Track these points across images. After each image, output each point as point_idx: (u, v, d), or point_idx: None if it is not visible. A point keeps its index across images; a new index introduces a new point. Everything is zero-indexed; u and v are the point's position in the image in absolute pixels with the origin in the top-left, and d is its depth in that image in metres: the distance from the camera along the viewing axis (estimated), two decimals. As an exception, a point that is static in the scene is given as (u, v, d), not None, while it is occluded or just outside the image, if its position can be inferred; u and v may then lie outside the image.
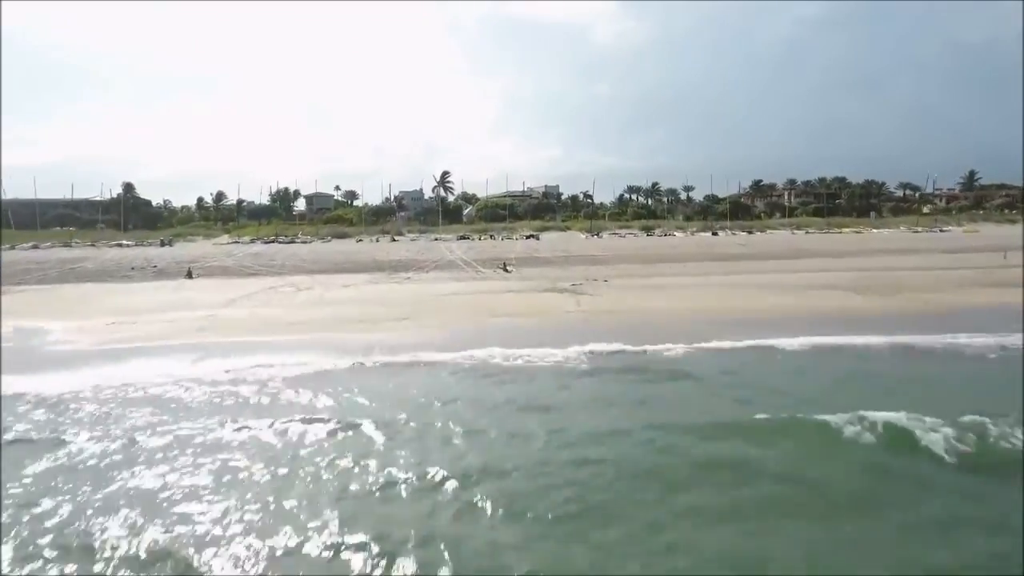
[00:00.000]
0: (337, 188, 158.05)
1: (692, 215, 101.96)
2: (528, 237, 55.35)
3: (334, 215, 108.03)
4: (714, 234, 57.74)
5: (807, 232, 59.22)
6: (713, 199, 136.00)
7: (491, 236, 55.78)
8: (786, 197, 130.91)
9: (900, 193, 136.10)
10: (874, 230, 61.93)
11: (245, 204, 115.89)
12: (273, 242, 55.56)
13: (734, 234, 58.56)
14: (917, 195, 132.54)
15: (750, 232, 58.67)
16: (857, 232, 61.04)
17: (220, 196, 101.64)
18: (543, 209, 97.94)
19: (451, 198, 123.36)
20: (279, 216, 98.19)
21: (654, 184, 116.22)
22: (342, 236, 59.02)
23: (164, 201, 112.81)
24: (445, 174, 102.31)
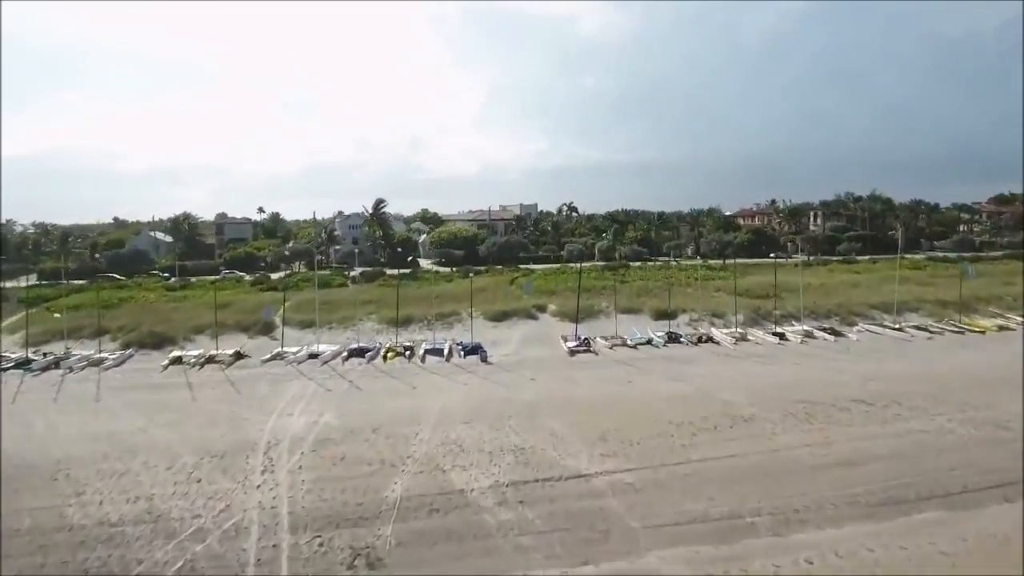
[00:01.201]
0: (260, 210, 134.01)
1: (708, 251, 79.74)
2: (469, 354, 32.10)
3: (250, 249, 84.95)
4: (781, 339, 34.94)
5: (931, 333, 36.55)
6: (727, 223, 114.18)
7: (405, 352, 32.47)
8: (812, 219, 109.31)
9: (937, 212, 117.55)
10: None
11: (124, 241, 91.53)
12: (14, 367, 31.72)
13: (811, 337, 35.76)
14: (971, 218, 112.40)
15: (836, 335, 35.91)
16: (1006, 326, 38.65)
17: (66, 236, 76.74)
18: (513, 247, 74.83)
19: (405, 227, 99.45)
20: (155, 262, 73.81)
21: (660, 215, 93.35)
22: (160, 344, 35.23)
23: (6, 221, 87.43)
24: (379, 203, 78.68)
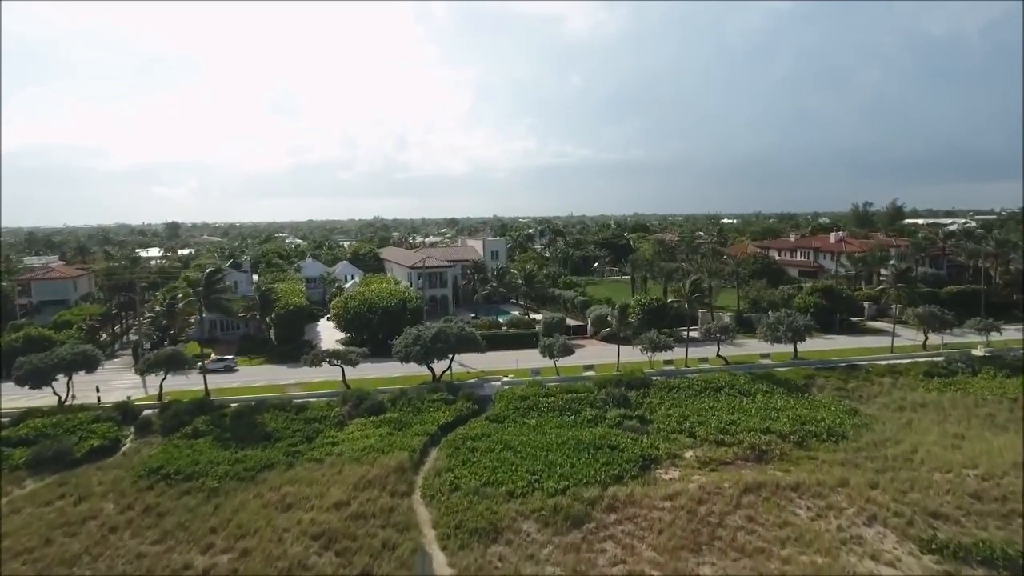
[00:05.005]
0: (90, 253, 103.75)
1: (770, 334, 50.52)
2: None
3: (43, 331, 55.18)
4: None
5: None
6: (769, 270, 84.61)
7: None
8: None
9: None
10: None
11: None
12: None
13: None
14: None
15: None
16: None
17: None
18: (450, 342, 44.84)
19: (324, 273, 69.07)
20: None
21: (691, 278, 62.90)
22: None
23: None
24: (212, 277, 48.52)
